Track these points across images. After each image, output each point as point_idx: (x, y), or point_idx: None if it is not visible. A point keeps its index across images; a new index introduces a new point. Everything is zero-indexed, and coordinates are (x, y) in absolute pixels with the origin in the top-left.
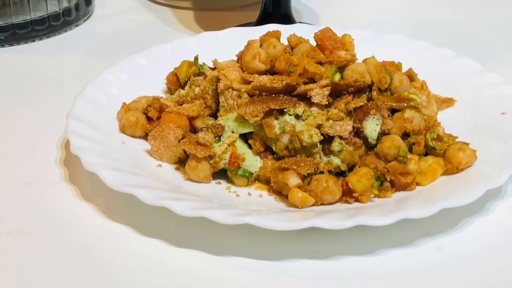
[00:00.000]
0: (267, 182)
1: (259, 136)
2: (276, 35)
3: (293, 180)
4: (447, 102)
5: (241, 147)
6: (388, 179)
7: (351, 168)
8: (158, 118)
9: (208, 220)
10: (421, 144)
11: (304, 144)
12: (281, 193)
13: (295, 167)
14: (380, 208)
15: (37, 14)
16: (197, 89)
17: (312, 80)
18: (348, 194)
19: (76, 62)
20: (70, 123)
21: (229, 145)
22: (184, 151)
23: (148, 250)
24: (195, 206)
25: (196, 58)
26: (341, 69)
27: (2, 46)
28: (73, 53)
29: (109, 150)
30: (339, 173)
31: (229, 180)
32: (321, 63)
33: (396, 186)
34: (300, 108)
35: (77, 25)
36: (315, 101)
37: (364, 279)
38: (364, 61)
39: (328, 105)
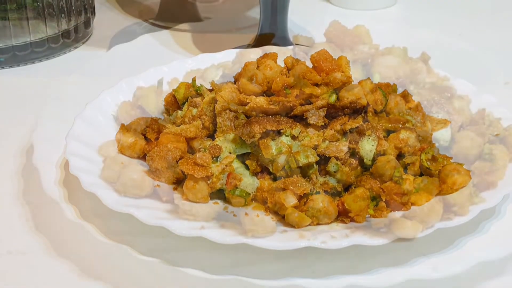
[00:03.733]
0: (264, 202)
1: (256, 156)
2: (273, 57)
3: (290, 200)
4: (442, 123)
5: (238, 168)
6: (384, 199)
7: (347, 188)
8: (156, 139)
9: (205, 239)
10: (416, 165)
11: (300, 164)
12: (277, 213)
13: (291, 188)
14: (375, 228)
15: (36, 36)
16: (194, 110)
17: (309, 102)
18: (344, 214)
19: (75, 83)
20: (69, 144)
21: (226, 165)
22: (182, 172)
23: (146, 269)
24: (193, 226)
25: (193, 80)
26: (337, 90)
27: (2, 68)
28: (72, 74)
29: (107, 171)
30: (335, 193)
31: (226, 200)
32: (317, 85)
33: (391, 206)
34: (297, 129)
35: (76, 47)
36: (312, 122)
37: None
38: (360, 82)
39: (324, 126)
